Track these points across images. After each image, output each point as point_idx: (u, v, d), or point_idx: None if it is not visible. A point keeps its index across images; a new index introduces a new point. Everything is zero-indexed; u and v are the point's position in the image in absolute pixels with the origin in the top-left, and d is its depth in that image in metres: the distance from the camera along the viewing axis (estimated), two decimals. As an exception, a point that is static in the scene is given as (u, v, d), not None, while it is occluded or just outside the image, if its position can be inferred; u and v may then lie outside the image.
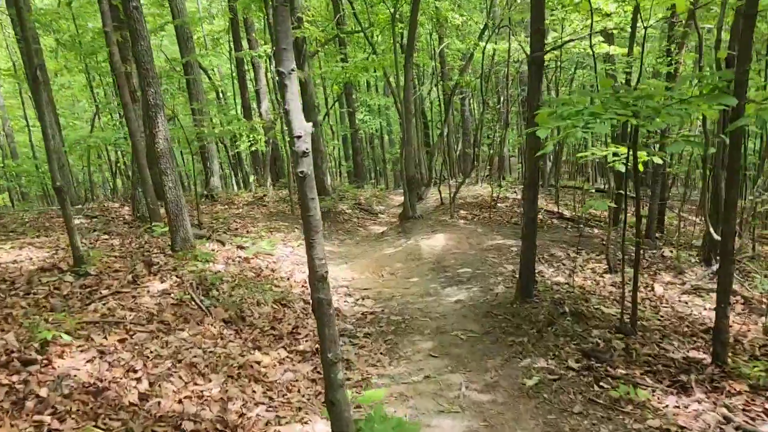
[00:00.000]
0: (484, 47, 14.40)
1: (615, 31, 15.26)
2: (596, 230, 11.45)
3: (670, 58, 10.46)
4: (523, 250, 5.74)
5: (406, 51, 10.94)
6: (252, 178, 27.62)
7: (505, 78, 22.55)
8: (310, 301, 6.47)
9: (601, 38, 14.24)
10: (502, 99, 20.45)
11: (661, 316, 5.96)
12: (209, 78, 26.50)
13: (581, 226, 11.93)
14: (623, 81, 14.05)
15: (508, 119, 17.64)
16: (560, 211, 14.09)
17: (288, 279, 7.15)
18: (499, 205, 13.76)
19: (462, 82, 14.22)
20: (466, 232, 10.44)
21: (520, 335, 5.09)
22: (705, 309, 6.61)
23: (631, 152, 5.05)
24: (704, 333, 5.54)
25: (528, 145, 5.49)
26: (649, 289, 7.24)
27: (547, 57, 15.31)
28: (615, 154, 7.08)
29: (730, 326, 6.13)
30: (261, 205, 13.21)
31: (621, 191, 15.13)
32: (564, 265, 8.30)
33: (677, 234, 10.89)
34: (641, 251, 9.46)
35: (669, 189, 12.65)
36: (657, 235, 10.42)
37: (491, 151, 23.95)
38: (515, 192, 17.78)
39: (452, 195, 13.27)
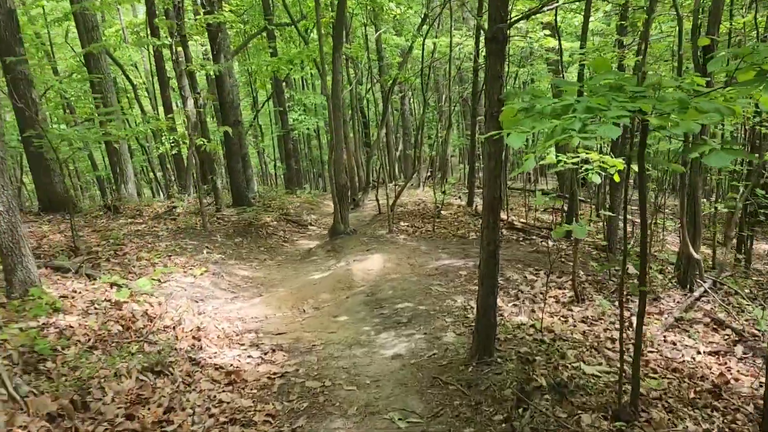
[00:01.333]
0: (423, 41, 13.01)
1: (561, 26, 14.21)
2: (550, 242, 10.22)
3: (620, 52, 9.38)
4: (482, 295, 4.26)
5: (333, 40, 9.36)
6: (172, 185, 25.34)
7: (446, 76, 21.32)
8: (199, 362, 4.74)
9: (547, 32, 13.14)
10: (444, 97, 19.19)
11: (656, 373, 4.62)
12: (125, 74, 24.09)
13: (534, 238, 10.70)
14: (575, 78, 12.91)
15: (451, 119, 16.36)
16: (510, 219, 12.93)
17: (174, 328, 5.42)
18: (443, 213, 12.39)
19: (401, 77, 12.77)
20: (407, 250, 8.94)
21: (480, 426, 3.59)
22: (700, 353, 5.36)
23: (628, 163, 3.66)
24: (715, 398, 4.23)
25: (489, 154, 4.02)
26: (627, 325, 5.95)
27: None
28: (585, 161, 5.76)
29: (737, 380, 4.89)
30: (170, 219, 11.31)
31: (563, 194, 14.07)
32: (522, 293, 6.93)
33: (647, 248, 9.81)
34: (609, 272, 8.29)
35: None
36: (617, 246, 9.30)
37: (433, 152, 22.71)
38: (459, 198, 16.53)
39: (391, 204, 11.78)
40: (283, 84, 25.10)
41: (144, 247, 8.67)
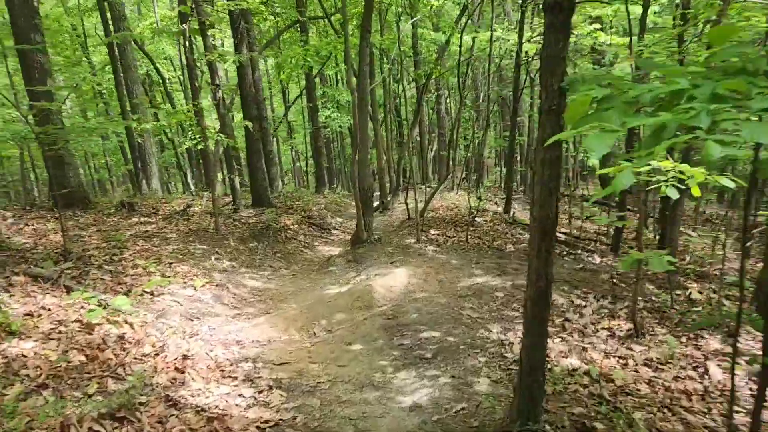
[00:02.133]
0: (461, 34, 12.00)
1: (613, 19, 12.99)
2: (597, 258, 9.11)
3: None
4: (527, 346, 3.27)
5: (361, 29, 8.44)
6: (196, 181, 24.92)
7: (484, 74, 20.20)
8: (177, 402, 3.87)
9: (597, 25, 11.97)
10: (481, 96, 18.09)
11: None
12: (156, 68, 23.68)
13: (579, 252, 9.59)
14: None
15: (489, 119, 15.27)
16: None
17: (154, 356, 4.57)
18: (477, 220, 11.37)
19: (436, 72, 11.77)
20: (436, 264, 7.96)
21: None
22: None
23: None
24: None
25: (542, 161, 3.03)
26: (701, 371, 4.87)
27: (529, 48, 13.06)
28: (657, 171, 4.69)
29: None
30: (183, 219, 10.58)
31: (608, 203, 12.83)
32: (570, 321, 5.89)
33: (708, 267, 8.61)
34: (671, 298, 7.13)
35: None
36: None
37: (468, 154, 21.62)
38: (496, 203, 15.44)
39: (421, 210, 10.82)
40: (317, 80, 24.39)
41: (146, 252, 7.91)
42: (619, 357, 4.98)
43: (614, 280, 7.66)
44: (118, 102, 17.01)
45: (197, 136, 16.95)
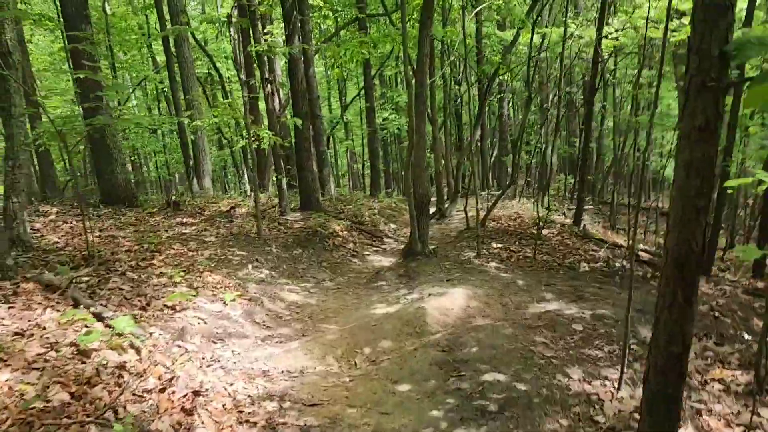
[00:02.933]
0: (533, 26, 10.88)
1: None
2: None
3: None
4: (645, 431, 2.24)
5: (421, 16, 7.52)
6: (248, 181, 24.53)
7: (551, 75, 18.87)
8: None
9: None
10: (550, 97, 16.82)
11: None
12: (214, 65, 23.51)
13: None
14: None
15: (559, 121, 14.02)
16: (626, 244, 10.61)
17: (158, 392, 3.78)
18: (543, 232, 10.24)
19: (503, 69, 10.71)
20: (500, 284, 6.92)
21: None
22: None
23: None
24: None
25: (686, 164, 2.00)
26: None
27: (608, 44, 11.75)
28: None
29: None
30: (227, 221, 9.94)
31: None
32: (668, 368, 4.74)
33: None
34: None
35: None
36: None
37: (531, 159, 20.30)
38: (563, 214, 14.18)
39: (482, 219, 9.80)
40: (376, 82, 23.63)
41: (180, 257, 7.23)
42: (745, 427, 3.83)
43: (715, 314, 6.41)
44: (172, 98, 16.73)
45: (244, 134, 16.49)
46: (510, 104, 22.75)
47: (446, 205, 14.17)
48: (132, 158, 25.69)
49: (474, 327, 5.61)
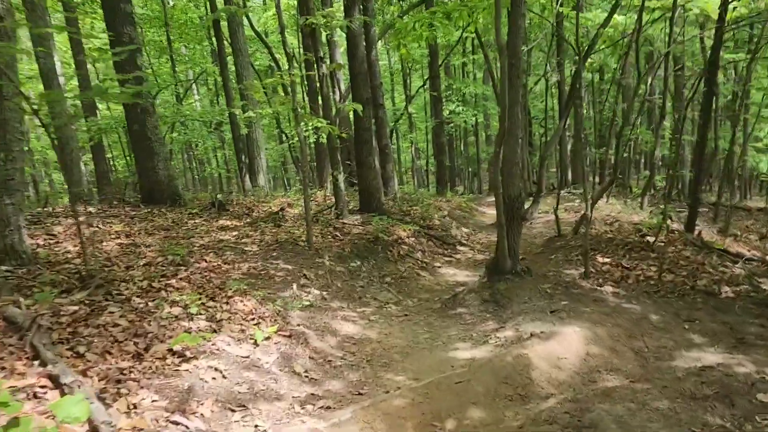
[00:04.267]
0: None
1: None
2: None
3: None
4: None
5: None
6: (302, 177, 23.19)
7: (656, 57, 16.54)
8: None
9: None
10: (649, 81, 14.55)
11: None
12: (272, 55, 22.40)
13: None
14: None
15: (665, 108, 11.85)
16: (752, 254, 8.63)
17: None
18: (647, 238, 8.36)
19: (602, 38, 8.78)
20: (625, 320, 5.11)
21: None
22: None
23: None
24: None
25: None
26: None
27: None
28: None
29: None
30: (274, 225, 8.52)
31: None
32: None
33: None
34: None
35: None
36: None
37: (612, 153, 17.97)
38: (670, 218, 12.02)
39: (574, 225, 7.98)
40: (441, 72, 21.80)
41: (210, 272, 5.82)
42: None
43: None
44: (223, 88, 15.59)
45: (303, 126, 15.18)
46: (585, 92, 20.39)
47: (527, 206, 12.30)
48: (191, 153, 24.95)
49: (604, 391, 3.86)
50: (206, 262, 6.28)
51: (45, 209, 9.01)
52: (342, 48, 12.70)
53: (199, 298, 4.74)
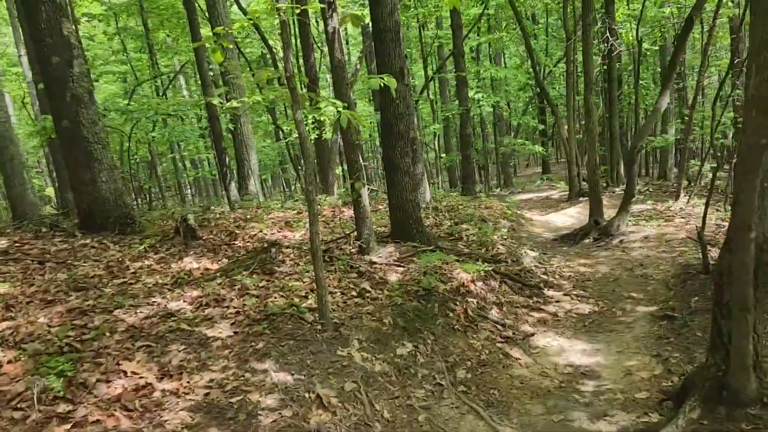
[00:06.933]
0: None
1: None
2: None
3: None
4: None
5: None
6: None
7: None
8: None
9: None
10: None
11: None
12: (265, 42, 19.18)
13: None
14: None
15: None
16: None
17: None
18: None
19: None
20: None
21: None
22: None
23: None
24: None
25: None
26: None
27: None
28: None
29: None
30: (266, 268, 5.37)
31: None
32: None
33: None
34: None
35: None
36: None
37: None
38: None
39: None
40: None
41: (114, 423, 2.70)
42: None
43: None
44: (198, 71, 12.40)
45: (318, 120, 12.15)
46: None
47: (607, 218, 9.13)
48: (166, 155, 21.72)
49: None
50: (122, 378, 3.16)
51: None
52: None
53: None
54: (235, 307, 4.33)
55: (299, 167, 22.28)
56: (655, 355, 4.36)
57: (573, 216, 11.99)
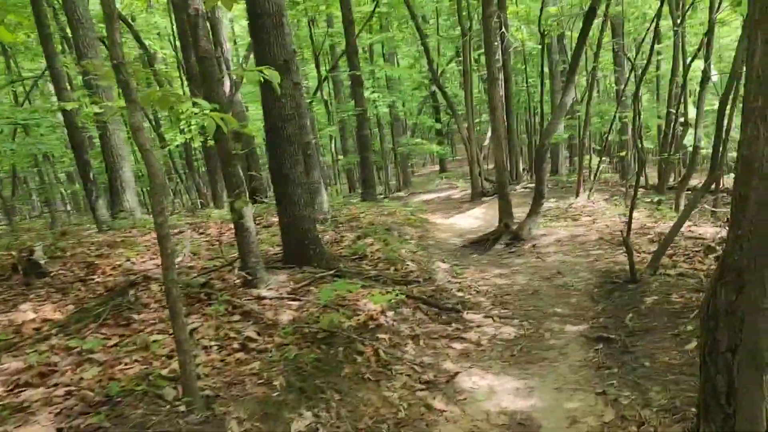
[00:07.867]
0: None
1: None
2: None
3: None
4: None
5: None
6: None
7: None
8: None
9: None
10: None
11: None
12: (139, 41, 17.43)
13: None
14: None
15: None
16: None
17: None
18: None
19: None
20: None
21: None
22: None
23: None
24: None
25: None
26: None
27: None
28: None
29: None
30: (122, 317, 4.20)
31: None
32: None
33: None
34: None
35: None
36: None
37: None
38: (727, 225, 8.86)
39: (654, 254, 4.27)
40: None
41: None
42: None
43: None
44: (48, 70, 10.68)
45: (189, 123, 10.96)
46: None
47: (517, 220, 8.65)
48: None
49: None
50: None
51: None
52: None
53: None
54: (66, 385, 3.17)
55: (185, 174, 20.57)
56: (600, 393, 3.71)
57: (479, 218, 11.53)
